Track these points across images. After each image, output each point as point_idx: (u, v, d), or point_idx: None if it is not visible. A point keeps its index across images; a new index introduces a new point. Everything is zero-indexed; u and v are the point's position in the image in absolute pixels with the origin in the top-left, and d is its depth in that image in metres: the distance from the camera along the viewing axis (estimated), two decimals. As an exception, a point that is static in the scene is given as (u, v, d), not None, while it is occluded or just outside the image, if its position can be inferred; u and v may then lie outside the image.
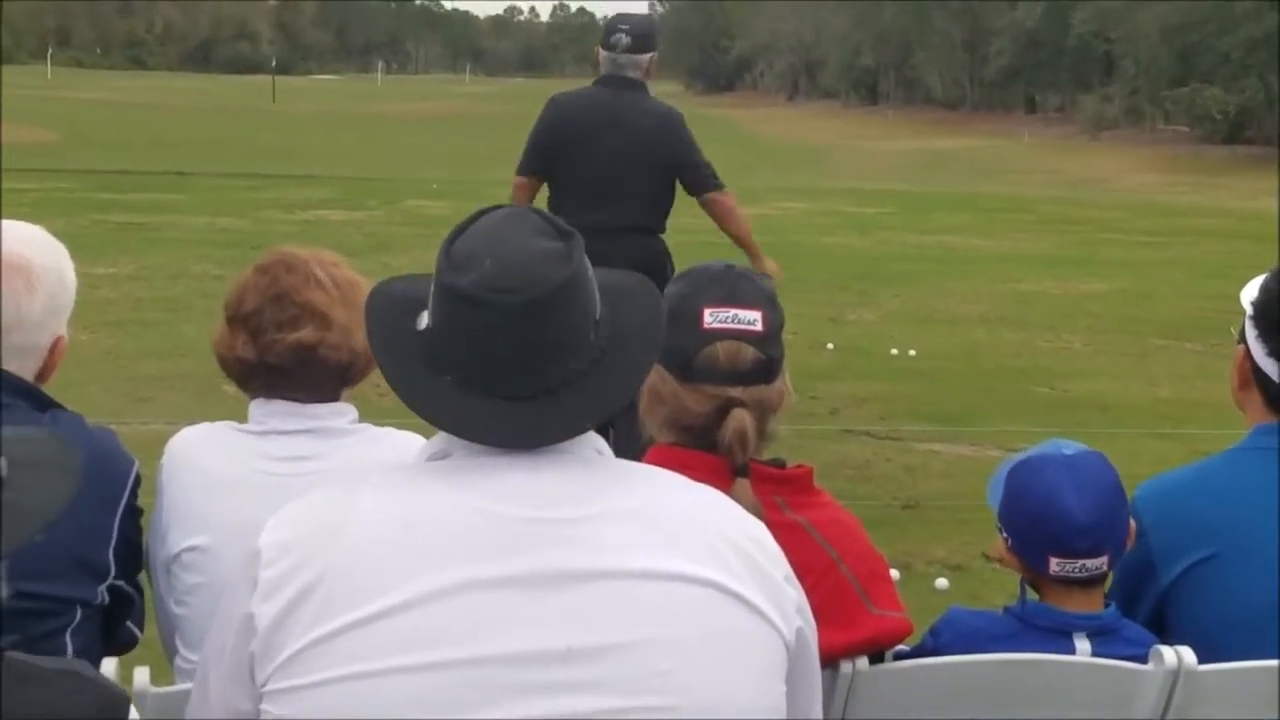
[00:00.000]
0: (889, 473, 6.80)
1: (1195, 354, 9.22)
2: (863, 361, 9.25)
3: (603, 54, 6.02)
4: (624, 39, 5.94)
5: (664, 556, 1.61)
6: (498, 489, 1.62)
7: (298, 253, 2.58)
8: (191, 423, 2.62)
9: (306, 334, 2.47)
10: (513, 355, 1.63)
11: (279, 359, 2.49)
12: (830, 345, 9.59)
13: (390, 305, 1.78)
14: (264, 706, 1.58)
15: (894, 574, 2.46)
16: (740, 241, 6.12)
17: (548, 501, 1.62)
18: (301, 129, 25.69)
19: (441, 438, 1.71)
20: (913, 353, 9.47)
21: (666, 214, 6.01)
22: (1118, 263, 13.76)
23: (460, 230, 1.71)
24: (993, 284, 12.37)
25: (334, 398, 2.53)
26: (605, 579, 1.58)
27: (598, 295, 1.71)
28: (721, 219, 6.08)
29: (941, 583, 5.23)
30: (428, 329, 1.69)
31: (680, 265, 2.60)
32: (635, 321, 1.76)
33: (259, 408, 2.53)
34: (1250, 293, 2.58)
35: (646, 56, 6.00)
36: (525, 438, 1.65)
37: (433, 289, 1.69)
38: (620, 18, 6.09)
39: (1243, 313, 2.59)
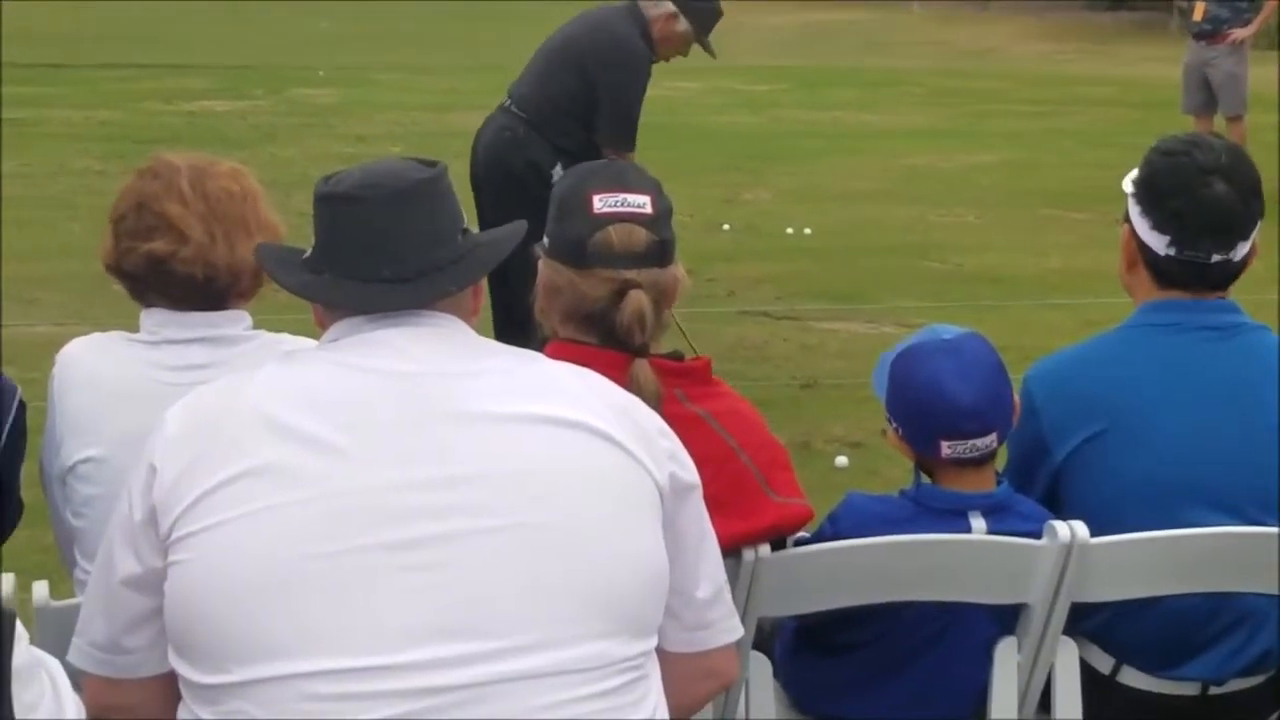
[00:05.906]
0: (786, 352, 6.83)
1: (1084, 223, 9.32)
2: (758, 242, 9.25)
3: None
4: None
5: (535, 405, 1.77)
6: (379, 352, 1.78)
7: (171, 160, 2.52)
8: (80, 324, 2.58)
9: (158, 246, 2.43)
10: (384, 243, 1.80)
11: (133, 268, 2.46)
12: (726, 226, 9.57)
13: (280, 247, 2.03)
14: (171, 557, 1.71)
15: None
16: None
17: (426, 360, 1.79)
18: (171, 11, 24.89)
19: (330, 331, 1.86)
20: (808, 231, 9.49)
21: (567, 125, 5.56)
22: (1007, 134, 13.80)
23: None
24: (884, 159, 12.39)
25: (218, 307, 2.47)
26: (481, 421, 1.74)
27: (463, 213, 1.89)
28: None
29: (841, 460, 5.28)
30: (312, 250, 1.89)
31: None
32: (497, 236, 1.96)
33: (149, 317, 2.48)
34: (1132, 176, 2.61)
35: None
36: (395, 302, 1.81)
37: (313, 212, 1.86)
38: None
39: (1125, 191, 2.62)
